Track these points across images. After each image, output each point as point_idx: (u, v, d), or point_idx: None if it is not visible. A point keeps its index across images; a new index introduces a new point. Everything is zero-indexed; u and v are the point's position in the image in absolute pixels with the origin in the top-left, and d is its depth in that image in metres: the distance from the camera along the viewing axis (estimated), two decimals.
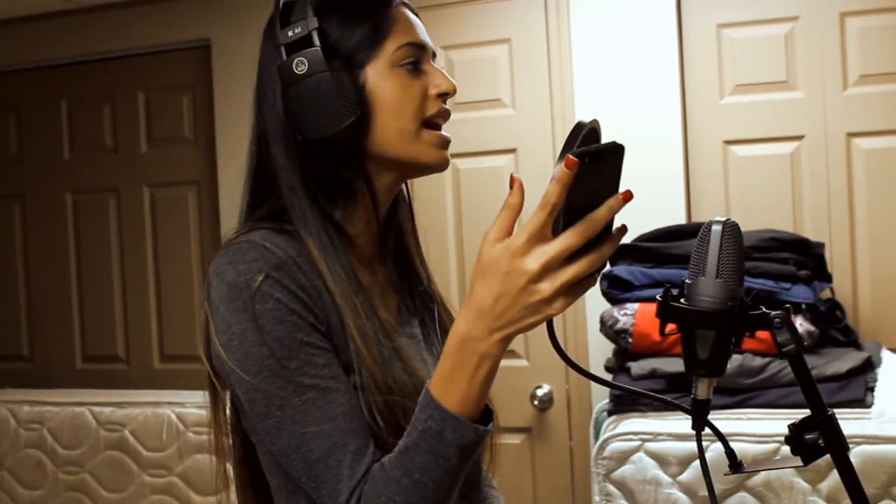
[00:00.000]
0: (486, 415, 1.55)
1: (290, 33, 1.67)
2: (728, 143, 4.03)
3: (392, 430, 1.56)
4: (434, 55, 1.79)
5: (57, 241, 5.20)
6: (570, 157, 1.30)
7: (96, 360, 5.15)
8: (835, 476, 2.80)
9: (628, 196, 1.37)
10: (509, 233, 1.40)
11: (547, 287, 1.38)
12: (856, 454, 2.81)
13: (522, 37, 4.28)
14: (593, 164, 1.32)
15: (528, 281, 1.37)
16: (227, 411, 1.77)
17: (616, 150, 1.34)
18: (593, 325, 3.87)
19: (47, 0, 4.80)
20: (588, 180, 1.33)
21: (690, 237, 3.06)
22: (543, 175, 1.57)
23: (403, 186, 1.91)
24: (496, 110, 4.32)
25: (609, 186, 1.37)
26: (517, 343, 4.21)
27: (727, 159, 4.03)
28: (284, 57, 1.67)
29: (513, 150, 4.28)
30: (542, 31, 4.24)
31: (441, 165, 1.76)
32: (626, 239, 3.63)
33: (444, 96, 1.74)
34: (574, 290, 1.41)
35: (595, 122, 1.39)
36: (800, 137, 3.93)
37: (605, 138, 1.43)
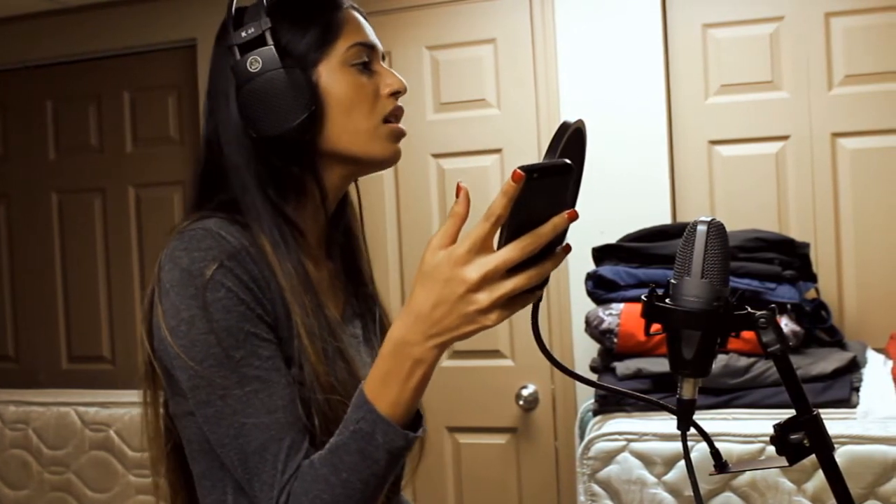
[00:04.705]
0: (416, 419, 1.55)
1: (243, 34, 1.70)
2: (713, 143, 4.03)
3: (329, 429, 1.57)
4: (384, 57, 1.83)
5: (42, 241, 5.18)
6: (518, 170, 1.30)
7: (82, 360, 5.14)
8: (820, 476, 2.81)
9: (574, 215, 1.36)
10: (453, 241, 1.41)
11: (485, 298, 1.38)
12: (841, 454, 2.81)
13: (508, 37, 4.28)
14: (541, 179, 1.32)
15: (466, 290, 1.38)
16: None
17: (565, 169, 1.33)
18: (578, 326, 3.86)
19: (33, 0, 4.79)
20: (535, 195, 1.33)
21: (675, 237, 3.07)
22: None
23: (353, 190, 1.93)
24: (481, 110, 4.32)
25: (557, 203, 1.36)
26: (502, 343, 4.22)
27: (712, 159, 4.04)
28: (238, 57, 1.69)
29: (498, 151, 4.28)
30: (528, 31, 4.24)
31: (392, 159, 1.79)
32: (611, 239, 3.65)
33: (395, 95, 1.77)
34: (512, 304, 1.41)
35: (580, 122, 1.39)
36: (785, 137, 3.94)
37: (591, 138, 1.43)
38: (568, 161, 1.33)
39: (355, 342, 1.85)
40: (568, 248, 1.41)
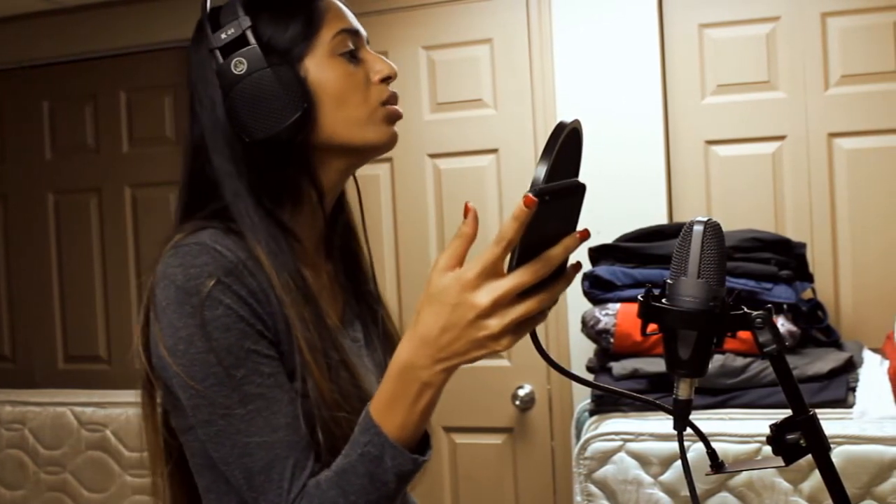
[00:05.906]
0: (424, 439, 1.53)
1: (223, 35, 1.66)
2: (710, 143, 4.03)
3: (335, 445, 1.54)
4: (368, 41, 1.77)
5: (39, 241, 5.18)
6: (530, 196, 1.28)
7: (78, 360, 5.13)
8: (816, 476, 2.81)
9: (585, 235, 1.34)
10: (460, 262, 1.37)
11: (496, 323, 1.35)
12: (837, 454, 2.81)
13: (504, 37, 4.27)
14: (553, 202, 1.30)
15: (476, 316, 1.35)
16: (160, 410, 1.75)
17: (578, 190, 1.32)
18: (575, 326, 3.86)
19: (30, 0, 4.78)
20: (547, 217, 1.31)
21: (672, 237, 3.07)
22: (524, 176, 1.55)
23: (352, 188, 1.89)
24: (478, 110, 4.32)
25: (567, 224, 1.34)
26: None
27: (709, 159, 4.03)
28: (221, 60, 1.65)
29: (494, 151, 4.28)
30: (524, 31, 4.24)
31: (390, 143, 1.74)
32: (608, 239, 3.65)
33: (386, 80, 1.73)
34: (522, 327, 1.38)
35: (577, 122, 1.38)
36: (781, 137, 3.94)
37: (587, 138, 1.43)
38: (580, 181, 1.32)
39: (356, 346, 1.81)
40: (578, 266, 1.39)
